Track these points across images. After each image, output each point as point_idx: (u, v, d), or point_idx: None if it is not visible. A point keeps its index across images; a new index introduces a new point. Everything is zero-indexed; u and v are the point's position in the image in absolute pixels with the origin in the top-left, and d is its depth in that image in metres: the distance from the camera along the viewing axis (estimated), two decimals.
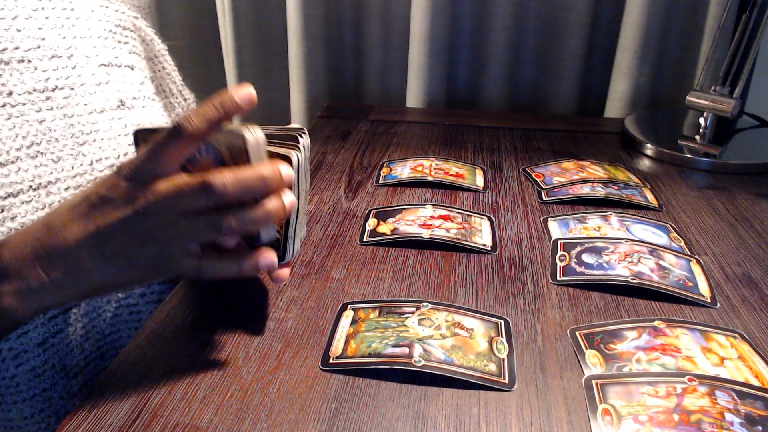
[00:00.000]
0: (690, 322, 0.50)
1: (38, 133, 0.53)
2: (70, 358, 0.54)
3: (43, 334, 0.51)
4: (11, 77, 0.52)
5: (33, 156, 0.52)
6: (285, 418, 0.41)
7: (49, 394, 0.52)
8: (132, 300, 0.59)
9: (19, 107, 0.52)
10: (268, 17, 1.17)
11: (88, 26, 0.60)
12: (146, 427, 0.41)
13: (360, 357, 0.46)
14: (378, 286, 0.56)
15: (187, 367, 0.46)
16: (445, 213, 0.67)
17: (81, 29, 0.59)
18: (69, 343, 0.54)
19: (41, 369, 0.52)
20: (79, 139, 0.55)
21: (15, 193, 0.50)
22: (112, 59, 0.61)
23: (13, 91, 0.52)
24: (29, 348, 0.51)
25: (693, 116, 0.99)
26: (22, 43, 0.53)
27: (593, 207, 0.70)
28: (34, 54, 0.54)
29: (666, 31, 1.02)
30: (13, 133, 0.51)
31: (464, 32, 1.09)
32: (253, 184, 0.41)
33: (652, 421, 0.40)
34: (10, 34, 0.53)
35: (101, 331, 0.56)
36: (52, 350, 0.52)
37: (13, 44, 0.53)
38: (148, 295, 0.60)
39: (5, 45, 0.52)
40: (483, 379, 0.44)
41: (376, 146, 0.90)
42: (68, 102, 0.55)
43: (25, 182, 0.51)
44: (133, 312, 0.59)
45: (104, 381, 0.45)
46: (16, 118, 0.52)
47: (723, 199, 0.73)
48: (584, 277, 0.56)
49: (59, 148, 0.54)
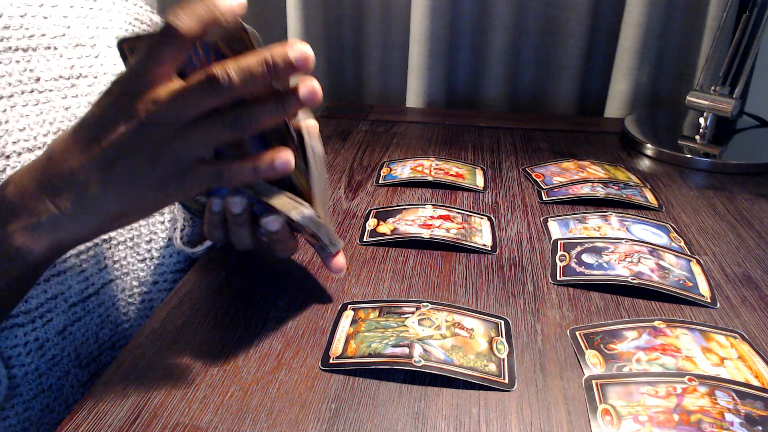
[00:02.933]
0: (690, 322, 0.50)
1: (65, 119, 0.53)
2: (86, 347, 0.54)
3: (63, 322, 0.51)
4: (38, 63, 0.52)
5: None
6: (285, 418, 0.41)
7: (62, 383, 0.52)
8: (145, 288, 0.60)
9: (46, 93, 0.52)
10: (268, 17, 1.17)
11: (109, 17, 0.61)
12: (146, 427, 0.41)
13: (360, 357, 0.46)
14: (378, 286, 0.56)
15: (187, 367, 0.46)
16: (445, 213, 0.67)
17: (103, 20, 0.60)
18: (86, 331, 0.54)
19: (59, 357, 0.52)
20: None
21: None
22: None
23: (41, 78, 0.52)
24: (51, 336, 0.50)
25: (693, 116, 0.99)
26: (49, 31, 0.54)
27: (593, 207, 0.70)
28: (59, 42, 0.55)
29: (666, 31, 1.02)
30: (41, 119, 0.51)
31: (464, 32, 1.09)
32: (259, 68, 0.37)
33: (652, 421, 0.40)
34: (37, 22, 0.53)
35: (115, 320, 0.57)
36: (70, 338, 0.52)
37: (39, 31, 0.53)
38: (160, 283, 0.61)
39: (33, 32, 0.53)
40: (483, 379, 0.44)
41: (376, 146, 0.90)
42: (92, 90, 0.56)
43: None
44: (145, 300, 0.60)
45: (104, 381, 0.45)
46: (44, 104, 0.52)
47: (723, 199, 0.73)
48: (584, 277, 0.56)
49: None
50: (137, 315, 0.59)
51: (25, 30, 0.52)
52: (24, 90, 0.51)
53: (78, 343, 0.53)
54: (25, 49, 0.52)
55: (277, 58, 0.37)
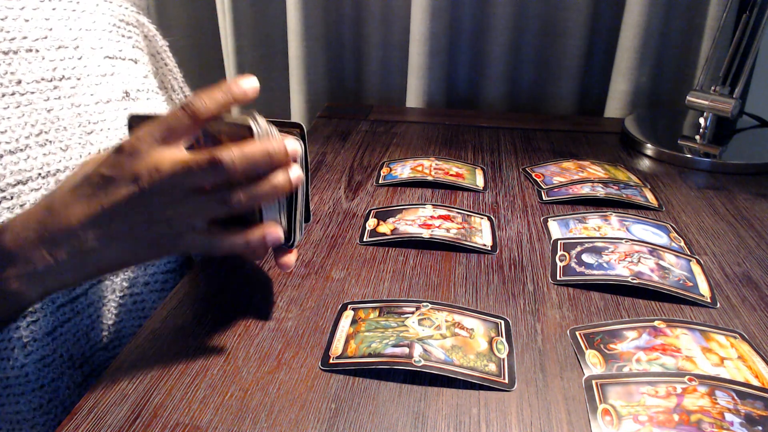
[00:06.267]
0: (690, 322, 0.50)
1: (47, 121, 0.53)
2: (77, 347, 0.54)
3: (52, 323, 0.51)
4: (20, 66, 0.53)
5: (42, 144, 0.52)
6: (285, 418, 0.41)
7: (56, 384, 0.53)
8: (136, 289, 0.59)
9: (27, 95, 0.52)
10: (268, 17, 1.17)
11: (93, 19, 0.61)
12: (146, 427, 0.41)
13: (360, 357, 0.46)
14: (378, 286, 0.56)
15: (187, 367, 0.46)
16: (445, 213, 0.67)
17: (86, 22, 0.60)
18: (76, 332, 0.54)
19: (50, 358, 0.52)
20: (87, 128, 0.56)
21: (24, 181, 0.50)
22: (116, 52, 0.62)
23: (22, 80, 0.52)
24: (39, 337, 0.51)
25: (693, 116, 0.99)
26: (30, 33, 0.54)
27: (593, 207, 0.70)
28: (41, 44, 0.55)
29: (666, 31, 1.02)
30: (23, 121, 0.52)
31: (464, 32, 1.09)
32: (261, 159, 0.41)
33: (652, 421, 0.40)
34: (18, 24, 0.53)
35: (106, 320, 0.57)
36: (60, 339, 0.52)
37: (21, 34, 0.53)
38: (151, 284, 0.61)
39: (14, 34, 0.53)
40: (483, 379, 0.44)
41: (376, 146, 0.90)
42: (75, 92, 0.56)
43: (34, 170, 0.51)
44: (137, 301, 0.60)
45: (104, 381, 0.45)
46: (26, 106, 0.52)
47: (723, 199, 0.73)
48: (584, 277, 0.56)
49: (67, 137, 0.54)
50: (129, 316, 0.59)
51: (6, 33, 0.52)
52: (5, 93, 0.51)
53: (69, 344, 0.53)
54: (5, 52, 0.52)
55: (279, 154, 0.42)
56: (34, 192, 0.51)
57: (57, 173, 0.53)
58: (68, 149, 0.54)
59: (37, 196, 0.51)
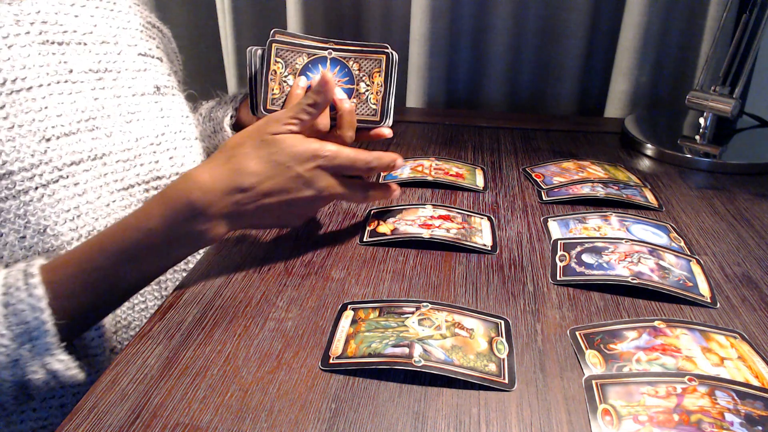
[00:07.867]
0: (690, 322, 0.50)
1: (94, 109, 0.59)
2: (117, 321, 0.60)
3: None
4: (71, 57, 0.59)
5: (90, 129, 0.58)
6: (285, 418, 0.41)
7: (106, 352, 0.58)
8: None
9: (78, 84, 0.59)
10: (268, 17, 1.17)
11: (128, 19, 0.68)
12: (146, 427, 0.41)
13: (360, 357, 0.46)
14: (378, 286, 0.56)
15: (187, 367, 0.46)
16: (445, 213, 0.67)
17: (122, 21, 0.67)
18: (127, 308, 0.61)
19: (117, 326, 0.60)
20: (126, 118, 0.62)
21: (77, 162, 0.56)
22: (146, 50, 0.69)
23: (73, 69, 0.58)
24: None
25: (693, 116, 0.99)
26: (79, 28, 0.61)
27: (593, 207, 0.70)
28: (88, 38, 0.61)
29: (666, 31, 1.02)
30: (74, 107, 0.57)
31: (464, 32, 1.09)
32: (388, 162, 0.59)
33: (652, 421, 0.40)
34: (69, 19, 0.60)
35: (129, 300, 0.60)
36: None
37: (72, 27, 0.60)
38: None
39: (66, 27, 0.59)
40: (483, 379, 0.44)
41: (377, 146, 0.89)
42: (116, 84, 0.63)
43: (84, 152, 0.57)
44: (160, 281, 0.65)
45: (104, 381, 0.45)
46: (76, 93, 0.58)
47: (723, 199, 0.73)
48: (584, 277, 0.56)
49: (111, 124, 0.60)
50: (151, 296, 0.63)
51: (60, 26, 0.58)
52: (59, 80, 0.57)
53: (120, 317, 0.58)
54: (60, 43, 0.58)
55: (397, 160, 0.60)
56: (86, 172, 0.57)
57: (104, 156, 0.59)
58: (111, 135, 0.60)
59: (88, 176, 0.57)
